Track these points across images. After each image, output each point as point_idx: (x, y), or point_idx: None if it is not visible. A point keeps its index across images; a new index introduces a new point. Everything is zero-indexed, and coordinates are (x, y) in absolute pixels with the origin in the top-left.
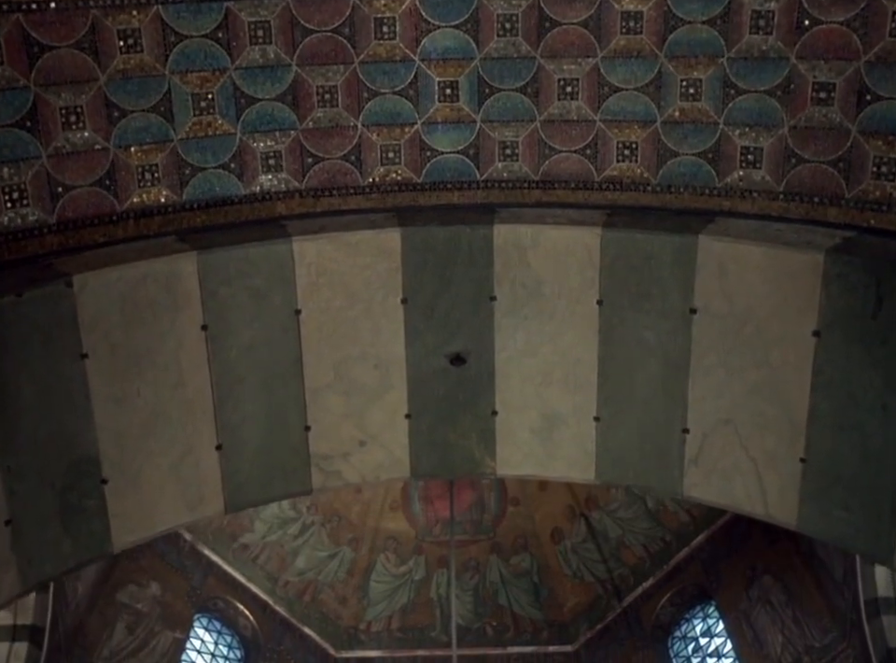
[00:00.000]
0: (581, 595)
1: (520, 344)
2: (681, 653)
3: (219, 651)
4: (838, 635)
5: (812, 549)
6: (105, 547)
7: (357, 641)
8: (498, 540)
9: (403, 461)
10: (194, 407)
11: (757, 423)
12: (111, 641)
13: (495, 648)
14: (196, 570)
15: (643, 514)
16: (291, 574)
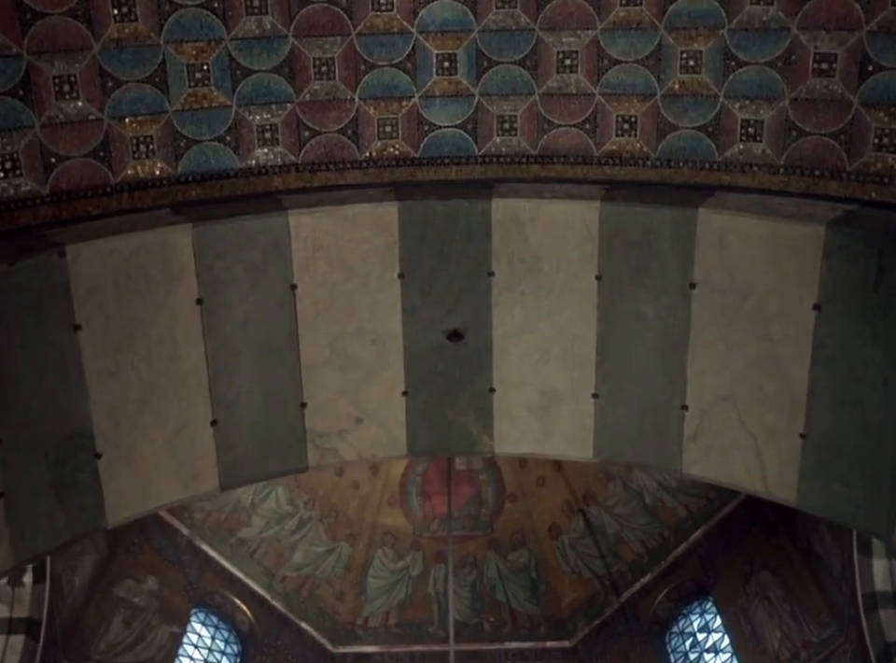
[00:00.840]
0: (579, 590)
1: (518, 320)
2: (679, 648)
3: (216, 645)
4: (836, 630)
5: (810, 544)
6: (99, 522)
7: (354, 636)
8: (496, 535)
9: (400, 439)
10: (189, 382)
11: (756, 398)
12: (108, 635)
13: (492, 643)
14: (193, 564)
15: (641, 509)
16: (289, 569)
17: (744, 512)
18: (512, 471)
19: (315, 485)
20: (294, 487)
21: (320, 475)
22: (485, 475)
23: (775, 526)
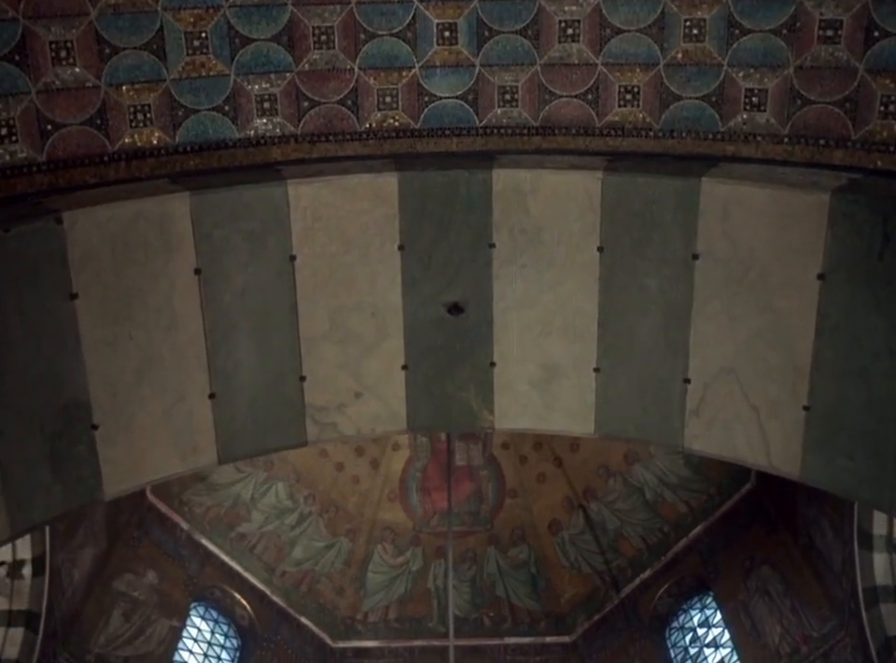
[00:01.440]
0: (579, 586)
1: (518, 293)
2: (679, 643)
3: (216, 640)
4: (836, 624)
5: (811, 539)
6: (96, 494)
7: (354, 631)
8: (496, 531)
9: (400, 414)
10: (187, 354)
11: (760, 371)
12: (107, 628)
13: (492, 639)
14: (193, 559)
15: (641, 505)
16: (288, 564)
17: (744, 507)
18: (513, 467)
19: (316, 480)
20: (294, 482)
21: (320, 470)
22: (485, 471)
23: (775, 521)
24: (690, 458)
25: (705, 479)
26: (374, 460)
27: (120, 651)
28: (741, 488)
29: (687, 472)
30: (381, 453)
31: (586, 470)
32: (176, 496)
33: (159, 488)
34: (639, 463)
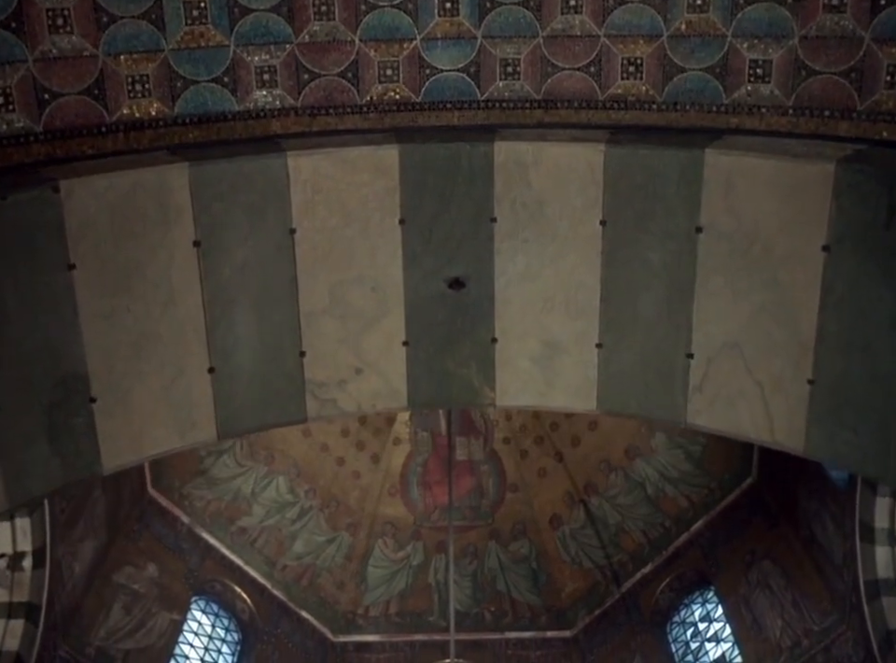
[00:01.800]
0: (580, 581)
1: (520, 267)
2: (680, 638)
3: (216, 633)
4: (838, 618)
5: (812, 533)
6: (95, 468)
7: (354, 625)
8: (497, 526)
9: (400, 391)
10: (186, 327)
11: (763, 345)
12: (108, 621)
13: (493, 633)
14: (194, 552)
15: (642, 500)
16: (289, 558)
17: (745, 502)
18: (513, 461)
19: (316, 474)
20: (295, 477)
21: (321, 465)
22: (486, 466)
23: (776, 515)
24: (691, 453)
25: (706, 474)
26: (375, 455)
27: (121, 644)
28: (742, 483)
29: (688, 467)
30: (381, 447)
31: (587, 464)
32: (177, 490)
33: (159, 482)
34: (640, 458)
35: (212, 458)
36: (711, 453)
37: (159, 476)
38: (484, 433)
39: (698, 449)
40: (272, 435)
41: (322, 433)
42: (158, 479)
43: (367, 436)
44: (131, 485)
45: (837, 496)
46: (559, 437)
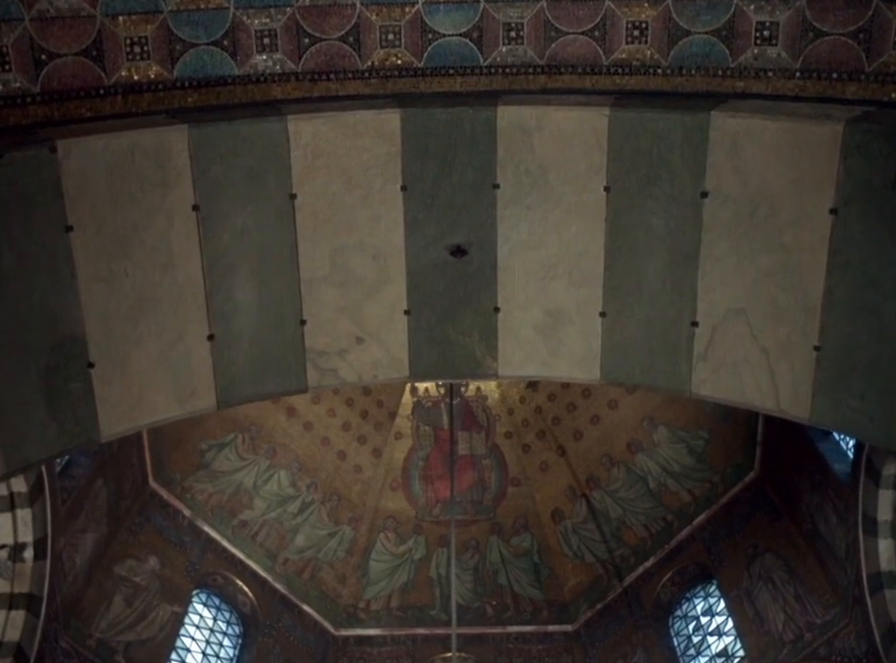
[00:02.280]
0: (582, 575)
1: (523, 235)
2: (682, 632)
3: (218, 626)
4: (840, 611)
5: (814, 526)
6: (93, 435)
7: (356, 619)
8: (499, 520)
9: (402, 360)
10: (185, 293)
11: (769, 312)
12: (109, 613)
13: (494, 627)
14: (195, 545)
15: (644, 494)
16: (291, 552)
17: (748, 495)
18: (515, 456)
19: (318, 468)
20: (296, 471)
21: (322, 459)
22: (488, 460)
23: (779, 509)
24: (693, 447)
25: (708, 468)
26: (377, 449)
27: (122, 636)
28: (744, 477)
29: (690, 461)
30: (383, 442)
31: (589, 459)
32: (179, 483)
33: (161, 475)
34: (643, 452)
35: (213, 452)
36: (713, 447)
37: (160, 469)
38: (486, 427)
39: (700, 443)
40: (273, 429)
41: (323, 427)
42: (159, 472)
43: (368, 430)
44: (132, 477)
45: (840, 489)
46: (561, 431)
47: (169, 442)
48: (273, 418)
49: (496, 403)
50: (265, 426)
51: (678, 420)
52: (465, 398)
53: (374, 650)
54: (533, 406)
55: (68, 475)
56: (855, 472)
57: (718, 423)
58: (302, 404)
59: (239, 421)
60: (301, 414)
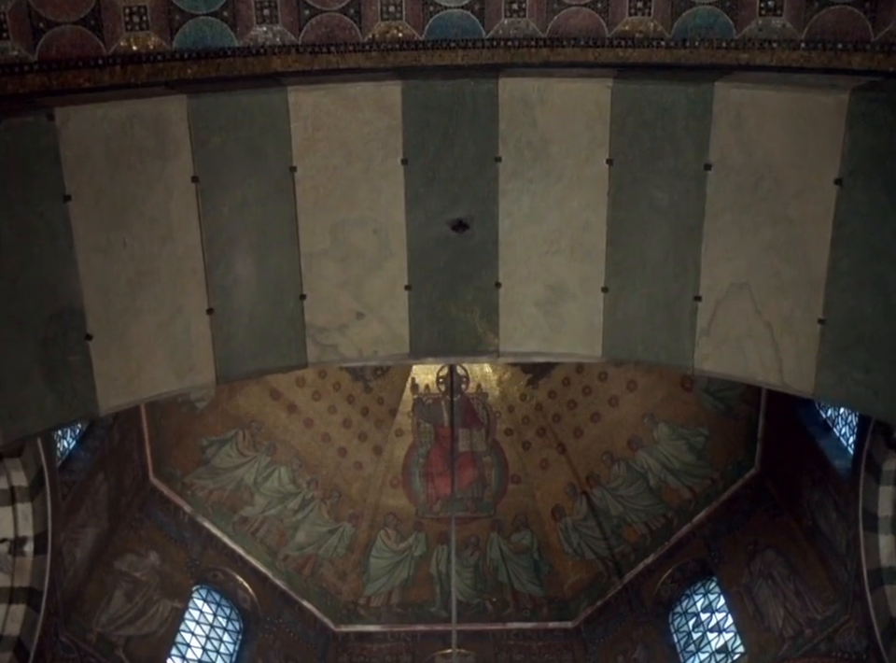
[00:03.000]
0: (582, 572)
1: (525, 209)
2: (682, 628)
3: (218, 622)
4: (840, 607)
5: (815, 522)
6: (91, 408)
7: (356, 615)
8: (499, 517)
9: (402, 337)
10: (184, 266)
11: (773, 285)
12: (109, 608)
13: (494, 624)
14: (195, 542)
15: (645, 491)
16: (291, 549)
17: (748, 492)
18: (516, 453)
19: (318, 465)
20: (297, 467)
21: (323, 456)
22: (488, 457)
23: (779, 505)
24: (693, 444)
25: (708, 464)
26: (377, 446)
27: (122, 631)
28: (745, 473)
29: (690, 458)
30: (384, 438)
31: (589, 456)
32: (179, 479)
33: (161, 471)
34: (643, 449)
35: (214, 448)
36: (714, 444)
37: (161, 465)
38: (487, 424)
39: (701, 440)
40: (274, 425)
41: (324, 424)
42: (160, 468)
43: (369, 427)
44: (133, 473)
45: (840, 485)
46: (561, 428)
47: (170, 438)
48: (274, 415)
49: (496, 400)
50: (266, 422)
51: (678, 417)
52: (465, 395)
53: (374, 646)
54: (533, 403)
55: (69, 470)
56: (855, 468)
57: (718, 420)
58: (303, 401)
59: (240, 418)
60: (301, 410)
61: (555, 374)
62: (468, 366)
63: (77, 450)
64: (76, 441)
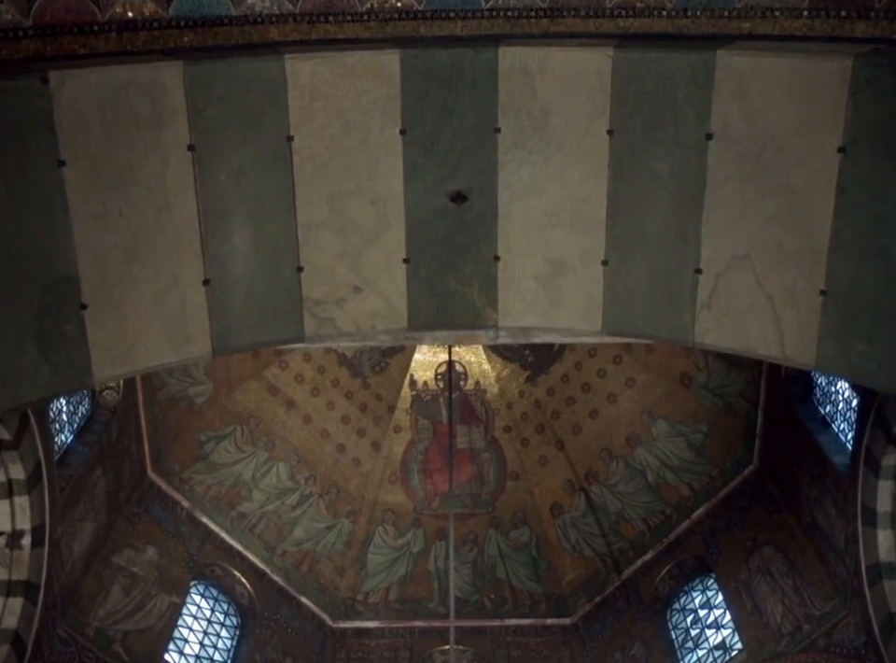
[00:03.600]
0: (580, 569)
1: (525, 180)
2: (680, 625)
3: (216, 618)
4: (839, 603)
5: (813, 518)
6: (85, 378)
7: (354, 611)
8: (497, 514)
9: (400, 310)
10: (180, 235)
11: (775, 256)
12: (107, 602)
13: (492, 620)
14: (193, 537)
15: (643, 487)
16: (289, 544)
17: (747, 488)
18: (514, 449)
19: (317, 461)
20: (295, 463)
21: (321, 452)
22: (487, 454)
23: (778, 502)
24: (692, 441)
25: (707, 461)
26: (376, 442)
27: (120, 625)
28: (743, 470)
29: (689, 455)
30: (382, 435)
31: (588, 453)
32: (177, 474)
33: (159, 466)
34: (641, 446)
35: (212, 444)
36: (712, 441)
37: (159, 460)
38: (485, 421)
39: (699, 437)
40: (272, 421)
41: (322, 420)
42: (158, 463)
43: (367, 423)
44: (131, 468)
45: (839, 481)
46: (560, 425)
47: (168, 433)
48: (273, 411)
49: (494, 397)
50: (264, 418)
51: (677, 414)
52: (464, 392)
53: (372, 642)
54: (532, 400)
55: (67, 464)
56: (854, 464)
57: (717, 416)
58: (301, 397)
59: (238, 413)
60: (300, 406)
61: (554, 371)
62: (466, 363)
63: (75, 444)
64: (74, 435)
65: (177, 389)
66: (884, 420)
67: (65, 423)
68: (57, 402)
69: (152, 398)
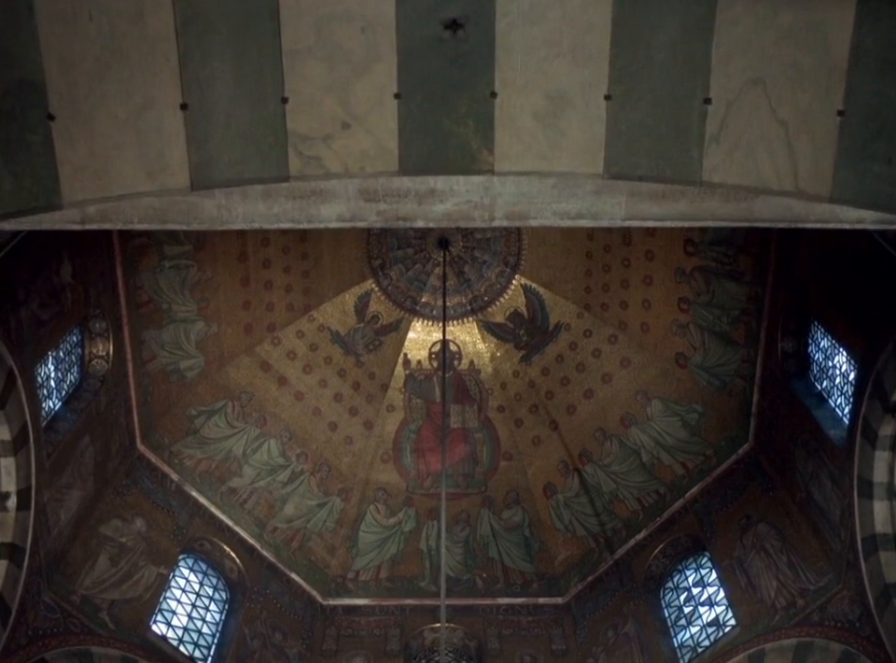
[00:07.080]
0: (573, 548)
1: (524, 6)
2: (673, 603)
3: (205, 591)
4: (834, 577)
5: (809, 494)
6: (53, 197)
7: (344, 589)
8: (490, 494)
9: (391, 150)
10: (156, 52)
11: (789, 77)
12: (94, 571)
13: (484, 599)
14: (182, 510)
15: (637, 467)
16: (280, 521)
17: (741, 467)
18: (508, 430)
19: (308, 439)
20: (287, 440)
21: (313, 429)
22: (480, 434)
23: (773, 479)
24: (687, 420)
25: (702, 440)
26: (368, 421)
27: (107, 594)
28: (738, 449)
29: (684, 434)
30: (375, 414)
31: (582, 433)
32: (167, 447)
33: (149, 439)
34: (636, 426)
35: (203, 418)
36: (707, 420)
37: (148, 433)
38: (479, 401)
39: (694, 416)
40: (264, 398)
41: (315, 397)
42: (147, 436)
43: (360, 402)
44: (119, 439)
45: (836, 454)
46: (554, 405)
47: (158, 406)
48: (264, 387)
49: (488, 377)
50: (256, 394)
51: (672, 394)
52: (457, 371)
53: (363, 619)
54: (526, 380)
55: (54, 430)
56: (851, 436)
57: (712, 396)
58: (294, 374)
59: (229, 389)
60: (292, 383)
61: (549, 351)
62: (461, 342)
63: (63, 411)
64: (62, 402)
65: (168, 362)
66: (882, 391)
67: (53, 389)
68: (45, 367)
69: (142, 369)
